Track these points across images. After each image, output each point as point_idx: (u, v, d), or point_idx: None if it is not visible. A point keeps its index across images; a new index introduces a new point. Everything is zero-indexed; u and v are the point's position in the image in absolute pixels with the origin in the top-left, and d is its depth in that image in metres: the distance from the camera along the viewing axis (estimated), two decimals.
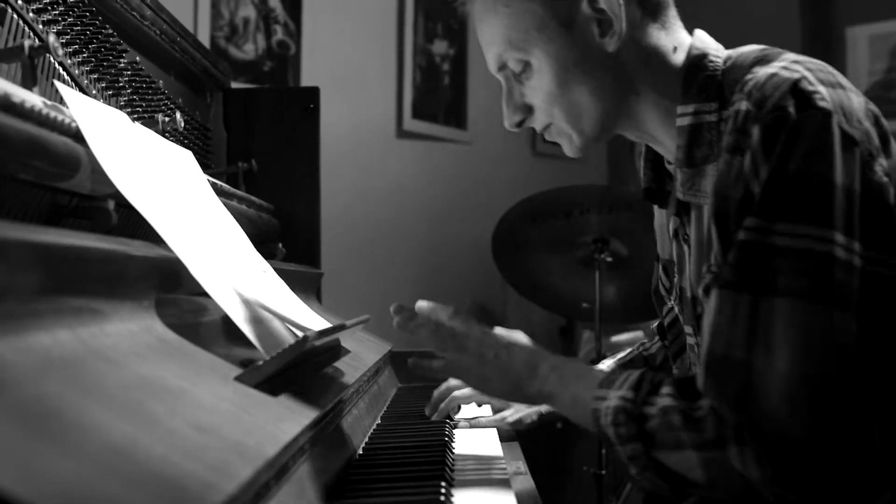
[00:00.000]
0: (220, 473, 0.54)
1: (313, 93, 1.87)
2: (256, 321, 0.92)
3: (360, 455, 1.02)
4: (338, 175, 2.66)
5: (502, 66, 1.02)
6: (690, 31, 1.01)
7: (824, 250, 0.78)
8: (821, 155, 0.80)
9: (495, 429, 1.27)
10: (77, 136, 0.79)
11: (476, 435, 1.24)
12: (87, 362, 0.60)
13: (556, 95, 0.98)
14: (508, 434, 1.27)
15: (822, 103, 0.81)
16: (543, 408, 1.30)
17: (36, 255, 0.60)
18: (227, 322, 0.90)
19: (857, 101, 0.85)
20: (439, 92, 3.34)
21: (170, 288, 0.85)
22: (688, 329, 1.07)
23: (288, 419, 0.76)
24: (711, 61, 0.96)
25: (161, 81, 1.35)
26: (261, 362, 0.81)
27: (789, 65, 0.86)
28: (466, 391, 1.30)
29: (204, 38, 2.48)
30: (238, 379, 0.78)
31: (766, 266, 0.80)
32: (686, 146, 0.95)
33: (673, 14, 1.00)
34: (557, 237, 2.26)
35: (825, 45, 0.95)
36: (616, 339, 2.93)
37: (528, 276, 2.42)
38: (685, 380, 0.86)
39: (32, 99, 0.74)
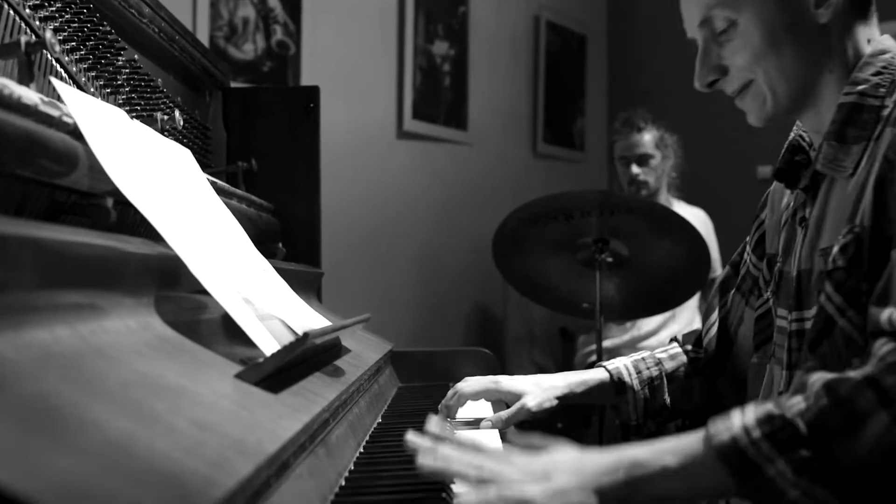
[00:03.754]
0: (220, 470, 0.54)
1: (313, 92, 1.87)
2: (256, 319, 0.91)
3: (360, 453, 1.02)
4: (338, 175, 2.66)
5: (704, 23, 1.04)
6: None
7: None
8: None
9: (497, 430, 1.26)
10: (75, 132, 0.79)
11: (478, 436, 1.23)
12: (86, 359, 0.60)
13: (763, 54, 1.00)
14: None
15: None
16: (562, 391, 1.28)
17: (34, 251, 0.60)
18: (226, 320, 0.89)
19: None
20: (440, 93, 3.34)
21: (169, 285, 0.85)
22: (782, 312, 1.09)
23: (288, 416, 0.75)
24: (893, 57, 1.00)
25: (160, 80, 1.34)
26: (261, 360, 0.81)
27: None
28: (474, 386, 1.30)
29: (203, 37, 2.47)
30: (238, 376, 0.77)
31: None
32: (841, 122, 0.99)
33: (874, 11, 1.04)
34: (558, 238, 2.26)
35: None
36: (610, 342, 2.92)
37: (529, 276, 2.42)
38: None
39: (29, 95, 0.74)
